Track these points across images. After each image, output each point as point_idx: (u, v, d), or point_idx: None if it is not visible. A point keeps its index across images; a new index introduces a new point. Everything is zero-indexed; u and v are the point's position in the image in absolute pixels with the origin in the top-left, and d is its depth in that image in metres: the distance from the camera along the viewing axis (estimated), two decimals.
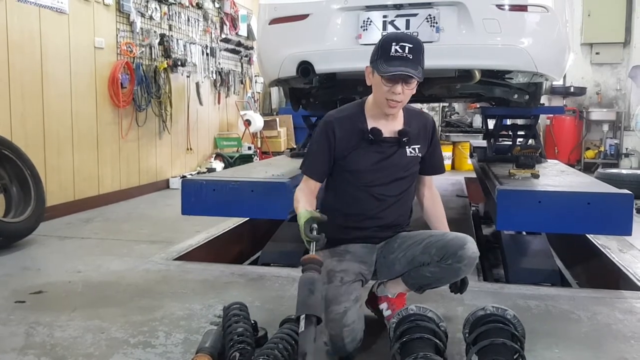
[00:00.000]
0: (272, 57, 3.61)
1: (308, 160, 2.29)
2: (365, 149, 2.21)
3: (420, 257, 2.16)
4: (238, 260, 4.09)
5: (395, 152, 2.24)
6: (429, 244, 2.16)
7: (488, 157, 4.47)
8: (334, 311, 2.02)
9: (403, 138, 2.23)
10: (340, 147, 2.21)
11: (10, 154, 3.86)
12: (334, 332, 2.00)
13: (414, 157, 2.27)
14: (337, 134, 2.21)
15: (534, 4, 3.21)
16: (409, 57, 2.06)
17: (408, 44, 2.07)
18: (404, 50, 2.06)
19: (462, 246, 2.08)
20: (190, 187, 3.36)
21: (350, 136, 2.21)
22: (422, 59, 2.11)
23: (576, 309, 2.54)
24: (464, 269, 2.11)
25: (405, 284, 2.26)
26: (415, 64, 2.07)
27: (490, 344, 1.75)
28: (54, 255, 3.60)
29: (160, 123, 6.52)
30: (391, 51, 2.06)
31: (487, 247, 4.47)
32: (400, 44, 2.07)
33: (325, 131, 2.23)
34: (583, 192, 2.93)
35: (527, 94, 3.86)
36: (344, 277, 2.13)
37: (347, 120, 2.24)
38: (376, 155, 2.22)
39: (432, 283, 2.20)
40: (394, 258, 2.23)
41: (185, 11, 6.88)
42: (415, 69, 2.06)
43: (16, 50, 4.37)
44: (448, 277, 2.15)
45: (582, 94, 9.11)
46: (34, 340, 2.17)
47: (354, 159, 2.22)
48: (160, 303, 2.59)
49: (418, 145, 2.28)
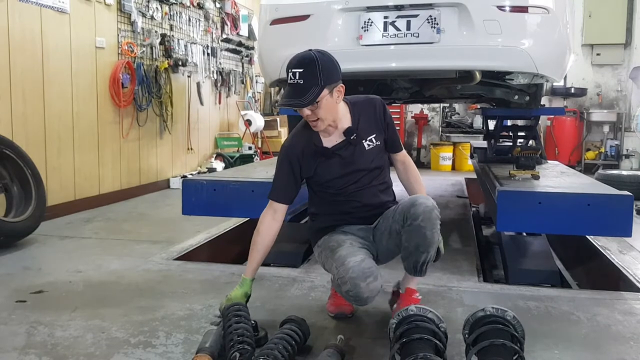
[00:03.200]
0: (273, 58, 3.61)
1: (273, 186, 2.38)
2: (326, 162, 2.32)
3: (393, 226, 2.27)
4: (238, 261, 4.08)
5: (353, 153, 2.32)
6: (395, 211, 2.28)
7: (488, 158, 4.48)
8: (353, 260, 2.12)
9: (350, 137, 2.30)
10: (305, 168, 2.33)
11: (11, 154, 3.87)
12: (355, 275, 2.07)
13: (373, 147, 2.35)
14: (299, 156, 2.32)
15: (535, 5, 3.21)
16: (299, 83, 2.12)
17: (298, 70, 2.13)
18: (295, 77, 2.13)
19: (414, 203, 2.18)
20: (191, 187, 3.37)
21: (309, 156, 2.32)
22: (318, 76, 2.12)
23: (576, 310, 2.55)
24: (423, 225, 2.14)
25: (406, 270, 2.32)
26: (307, 87, 2.12)
27: (490, 344, 1.75)
28: (54, 254, 3.60)
29: (161, 123, 6.52)
30: (289, 78, 2.16)
31: (487, 247, 4.48)
32: (292, 71, 2.14)
33: (286, 157, 2.34)
34: (583, 193, 2.94)
35: (527, 95, 3.87)
36: (352, 243, 2.27)
37: (303, 142, 2.34)
38: (338, 163, 2.32)
39: (413, 254, 2.21)
40: (380, 234, 2.34)
41: (187, 11, 6.89)
42: (302, 96, 2.12)
43: (17, 50, 4.37)
44: (417, 239, 2.17)
45: (582, 95, 9.12)
46: (35, 339, 2.17)
47: (321, 174, 2.34)
48: (160, 303, 2.60)
49: (373, 135, 2.35)
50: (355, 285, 2.07)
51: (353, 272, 2.08)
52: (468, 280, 3.07)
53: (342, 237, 2.33)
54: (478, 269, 3.37)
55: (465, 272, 3.23)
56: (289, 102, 2.16)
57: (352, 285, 2.08)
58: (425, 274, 2.30)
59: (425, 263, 2.24)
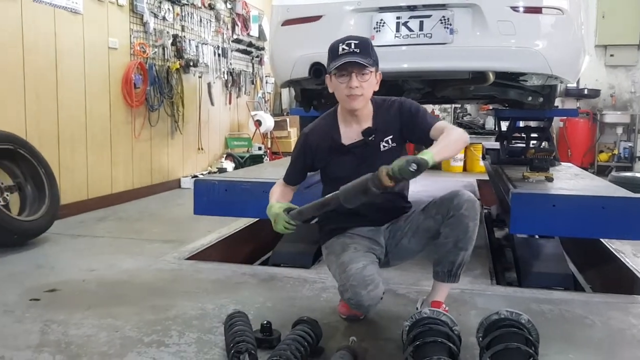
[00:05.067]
0: (284, 58, 3.61)
1: (287, 169, 2.48)
2: (340, 158, 2.32)
3: (424, 223, 2.25)
4: (249, 260, 4.09)
5: (368, 153, 2.30)
6: (426, 208, 2.27)
7: (501, 159, 4.45)
8: (354, 267, 2.13)
9: (368, 137, 2.29)
10: (317, 159, 2.36)
11: (25, 153, 3.90)
12: (355, 282, 2.08)
13: (389, 148, 2.31)
14: (313, 148, 2.35)
15: (549, 5, 3.19)
16: (356, 51, 2.14)
17: (354, 41, 2.16)
18: (350, 47, 2.14)
19: (456, 194, 2.19)
20: (202, 187, 3.37)
21: (324, 149, 2.33)
22: (371, 52, 2.18)
23: (590, 314, 2.52)
24: (466, 214, 2.15)
25: (436, 277, 2.29)
26: (364, 55, 2.14)
27: (505, 348, 1.74)
28: (67, 253, 3.62)
29: (172, 123, 6.55)
30: (339, 51, 2.16)
31: (499, 250, 4.45)
32: (347, 42, 2.16)
33: (302, 145, 2.40)
34: (598, 195, 2.92)
35: (541, 96, 3.84)
36: (357, 247, 2.26)
37: (321, 133, 2.35)
38: (351, 161, 2.31)
39: (451, 252, 2.20)
40: (402, 234, 2.33)
41: (198, 12, 6.91)
42: (364, 58, 2.13)
43: (31, 50, 4.41)
44: (458, 232, 2.17)
45: (596, 97, 9.05)
46: (49, 338, 2.19)
47: (333, 169, 2.35)
48: (173, 302, 2.60)
49: (390, 136, 2.31)
50: (356, 293, 2.08)
51: (354, 280, 2.09)
52: (481, 283, 3.05)
53: (347, 240, 2.32)
54: (491, 271, 3.35)
55: (478, 275, 3.21)
56: (353, 57, 2.12)
57: (352, 293, 2.09)
58: (459, 281, 2.30)
59: (461, 265, 2.24)
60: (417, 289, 2.77)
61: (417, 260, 2.47)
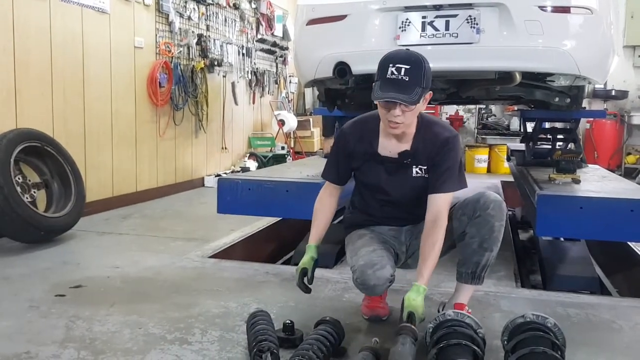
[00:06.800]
0: (308, 58, 3.61)
1: (326, 165, 2.44)
2: (374, 165, 2.29)
3: (448, 225, 2.20)
4: (271, 259, 4.10)
5: (400, 172, 2.27)
6: (452, 211, 2.24)
7: (527, 160, 4.39)
8: (365, 250, 2.21)
9: (404, 160, 2.25)
10: (353, 159, 2.32)
11: (52, 151, 3.96)
12: (362, 262, 2.14)
13: (419, 177, 2.25)
14: (350, 147, 2.31)
15: (578, 5, 3.13)
16: (404, 80, 2.01)
17: (405, 65, 2.02)
18: (400, 73, 2.01)
19: (482, 194, 2.19)
20: (226, 186, 3.39)
21: (360, 151, 2.30)
22: (422, 78, 2.04)
23: (617, 319, 2.47)
24: (493, 214, 2.14)
25: (460, 278, 2.27)
26: (411, 86, 2.01)
27: (530, 352, 1.71)
28: (92, 250, 3.67)
29: (197, 122, 6.60)
30: (387, 73, 2.04)
31: (524, 252, 4.39)
32: (397, 66, 2.02)
33: (339, 142, 2.36)
34: (626, 198, 2.86)
35: (568, 97, 3.78)
36: (373, 237, 2.32)
37: (360, 134, 2.30)
38: (383, 172, 2.29)
39: (476, 253, 2.18)
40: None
41: (223, 11, 6.95)
42: (408, 93, 2.00)
43: (59, 49, 4.47)
44: (484, 232, 2.15)
45: (623, 98, 8.87)
46: (74, 333, 2.21)
47: (364, 173, 2.33)
48: (196, 300, 2.62)
49: (425, 167, 2.24)
50: (362, 272, 2.13)
51: (361, 260, 2.16)
52: (505, 286, 3.02)
53: (366, 232, 2.37)
54: (515, 274, 3.31)
55: (503, 277, 3.17)
56: (395, 95, 1.99)
57: (359, 272, 2.14)
58: (482, 283, 2.27)
59: (486, 267, 2.21)
60: (440, 290, 2.74)
61: (440, 262, 2.44)
